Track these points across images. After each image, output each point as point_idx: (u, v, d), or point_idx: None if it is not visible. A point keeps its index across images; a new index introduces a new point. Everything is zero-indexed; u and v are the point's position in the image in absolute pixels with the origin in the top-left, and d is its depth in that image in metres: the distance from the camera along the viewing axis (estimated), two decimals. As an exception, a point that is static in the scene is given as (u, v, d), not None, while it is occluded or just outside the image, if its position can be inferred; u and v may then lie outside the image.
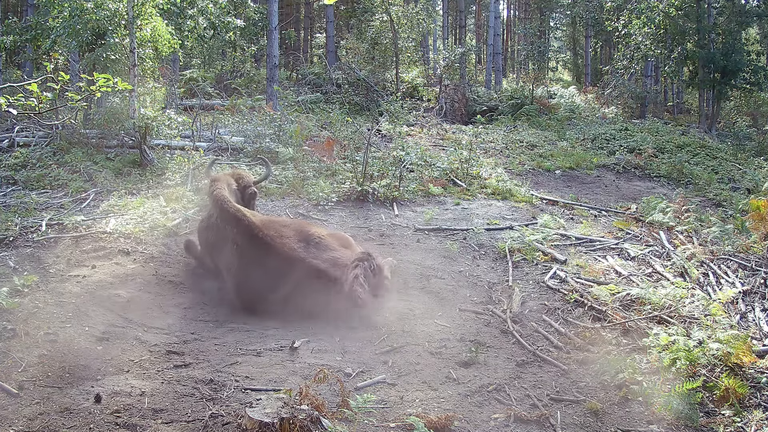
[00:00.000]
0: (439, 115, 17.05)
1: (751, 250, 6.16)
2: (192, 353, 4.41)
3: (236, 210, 5.48)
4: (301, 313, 5.03)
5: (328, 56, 21.78)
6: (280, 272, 5.09)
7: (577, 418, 3.82)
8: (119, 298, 5.13)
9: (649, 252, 6.45)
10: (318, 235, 5.43)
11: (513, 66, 35.15)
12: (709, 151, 13.09)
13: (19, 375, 3.84)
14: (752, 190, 9.96)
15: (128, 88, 4.53)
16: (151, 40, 10.39)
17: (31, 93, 3.89)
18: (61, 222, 6.63)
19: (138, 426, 3.43)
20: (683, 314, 4.80)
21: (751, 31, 23.91)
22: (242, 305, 5.26)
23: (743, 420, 3.67)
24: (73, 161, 9.04)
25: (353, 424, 3.43)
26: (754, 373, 4.03)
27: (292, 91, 17.81)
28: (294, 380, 4.00)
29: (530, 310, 5.35)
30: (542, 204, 8.82)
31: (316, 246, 5.28)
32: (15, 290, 4.91)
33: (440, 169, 10.07)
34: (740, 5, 18.99)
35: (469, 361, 4.46)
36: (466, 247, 6.86)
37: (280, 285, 5.08)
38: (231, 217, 5.43)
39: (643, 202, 8.49)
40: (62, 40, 10.33)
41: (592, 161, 11.91)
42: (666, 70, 19.32)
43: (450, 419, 3.60)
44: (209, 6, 13.23)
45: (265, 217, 5.85)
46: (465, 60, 21.48)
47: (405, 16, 19.03)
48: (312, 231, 5.49)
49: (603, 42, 28.10)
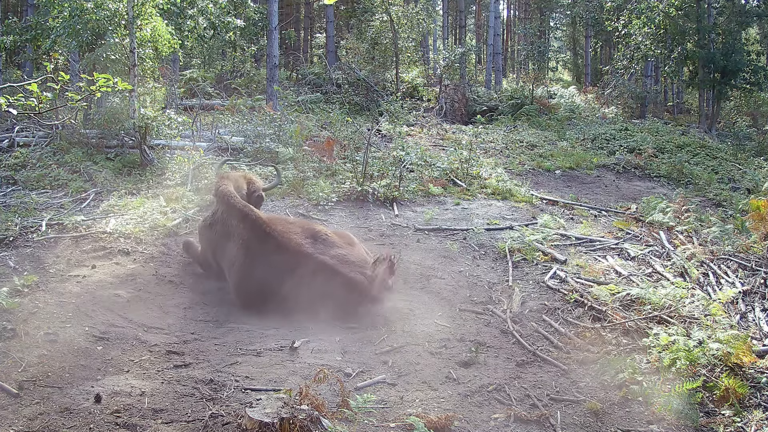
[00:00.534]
0: (439, 115, 17.04)
1: (751, 250, 6.16)
2: (192, 353, 4.41)
3: (243, 205, 5.47)
4: (308, 309, 5.02)
5: (328, 56, 21.78)
6: (288, 268, 5.07)
7: (577, 418, 3.82)
8: (119, 298, 5.13)
9: (649, 252, 6.45)
10: (324, 232, 5.44)
11: (513, 66, 35.15)
12: (709, 151, 13.09)
13: (19, 375, 3.84)
14: (752, 190, 9.96)
15: (128, 88, 4.53)
16: (151, 40, 10.39)
17: (31, 93, 3.89)
18: (61, 222, 6.63)
19: (138, 426, 3.43)
20: (683, 314, 4.80)
21: (751, 31, 23.92)
22: (244, 303, 5.24)
23: (743, 420, 3.67)
24: (73, 161, 9.04)
25: (353, 424, 3.43)
26: (754, 373, 4.03)
27: (292, 91, 17.82)
28: (294, 380, 4.00)
29: (530, 310, 5.35)
30: (542, 204, 8.82)
31: (323, 242, 5.28)
32: (15, 290, 4.91)
33: (440, 169, 10.07)
34: (740, 5, 19.00)
35: (469, 361, 4.46)
36: (466, 247, 6.86)
37: (287, 280, 5.06)
38: (238, 212, 5.41)
39: (643, 202, 8.49)
40: (62, 40, 10.33)
41: (592, 161, 11.91)
42: (666, 70, 19.32)
43: (450, 419, 3.60)
44: (209, 6, 13.23)
45: (271, 215, 5.84)
46: (465, 60, 21.49)
47: (405, 16, 19.03)
48: (318, 228, 5.50)
49: (603, 42, 28.10)
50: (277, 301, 5.08)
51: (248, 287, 5.21)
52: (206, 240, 5.81)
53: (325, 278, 5.03)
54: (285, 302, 5.06)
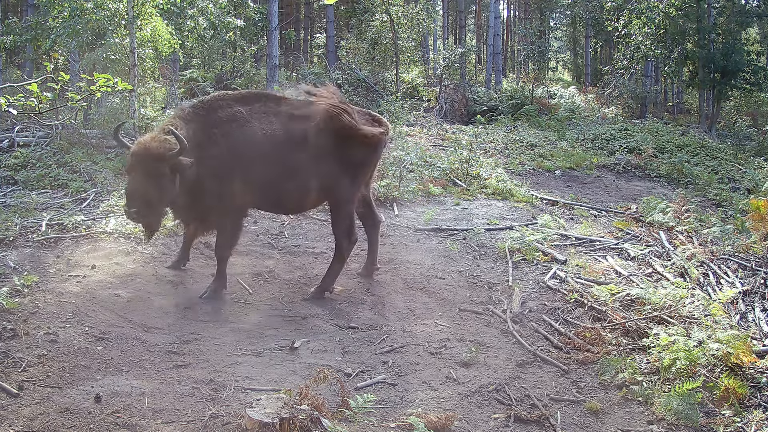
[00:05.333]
0: (439, 115, 17.04)
1: (751, 250, 6.17)
2: (192, 353, 4.41)
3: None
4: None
5: (328, 56, 21.78)
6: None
7: (577, 418, 3.82)
8: (119, 298, 5.13)
9: (649, 252, 6.44)
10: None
11: (513, 66, 35.14)
12: (709, 151, 13.09)
13: (19, 375, 3.84)
14: (752, 190, 9.96)
15: (128, 88, 4.53)
16: (151, 40, 10.38)
17: (31, 93, 3.89)
18: (61, 222, 6.63)
19: (138, 426, 3.43)
20: (683, 314, 4.79)
21: (751, 31, 23.90)
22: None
23: (743, 420, 3.67)
24: (73, 161, 9.03)
25: (353, 424, 3.43)
26: (754, 373, 4.04)
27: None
28: (294, 380, 4.00)
29: (530, 310, 5.35)
30: (542, 204, 8.82)
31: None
32: (15, 290, 4.90)
33: (440, 169, 10.06)
34: (740, 5, 18.99)
35: (469, 361, 4.46)
36: (466, 247, 6.86)
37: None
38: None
39: (643, 202, 8.49)
40: (62, 40, 10.32)
41: (592, 161, 11.91)
42: (666, 70, 19.31)
43: (450, 419, 3.60)
44: (209, 6, 13.22)
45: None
46: (465, 60, 21.49)
47: (405, 16, 19.01)
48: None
49: (603, 42, 28.08)
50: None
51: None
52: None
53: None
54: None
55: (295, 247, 6.70)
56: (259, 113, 5.34)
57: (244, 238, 6.20)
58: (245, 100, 5.42)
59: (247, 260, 6.27)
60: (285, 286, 5.77)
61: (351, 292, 5.65)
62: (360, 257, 6.38)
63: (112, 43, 9.95)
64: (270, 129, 5.27)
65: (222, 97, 5.43)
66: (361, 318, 5.15)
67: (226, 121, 5.22)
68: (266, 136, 5.24)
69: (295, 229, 7.25)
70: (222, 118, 5.21)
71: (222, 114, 5.24)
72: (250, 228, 6.96)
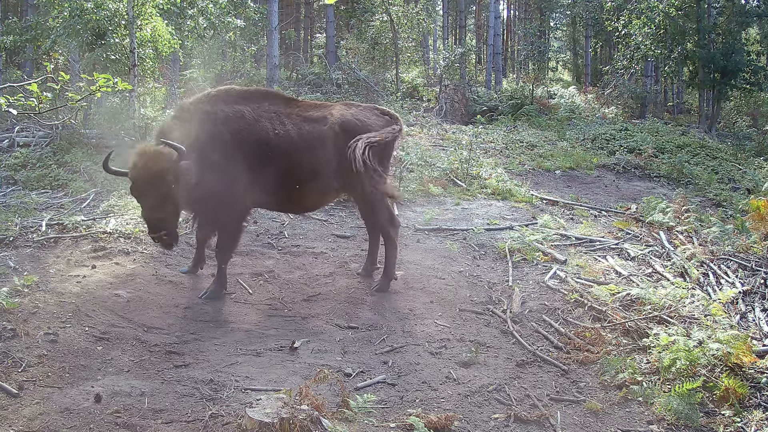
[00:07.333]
0: (439, 115, 17.03)
1: (751, 250, 6.17)
2: (192, 353, 4.41)
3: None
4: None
5: (328, 56, 21.77)
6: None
7: (577, 418, 3.82)
8: (119, 298, 5.13)
9: (649, 252, 6.45)
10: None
11: (513, 66, 35.13)
12: (709, 151, 13.08)
13: (19, 375, 3.84)
14: (752, 190, 9.96)
15: (128, 88, 4.53)
16: (151, 40, 10.38)
17: (31, 93, 3.88)
18: (61, 222, 6.63)
19: (138, 426, 3.43)
20: (683, 314, 4.80)
21: (751, 31, 23.86)
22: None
23: (743, 420, 3.68)
24: (73, 161, 9.03)
25: (353, 424, 3.44)
26: (754, 373, 4.04)
27: (292, 91, 17.80)
28: (294, 380, 4.00)
29: (530, 310, 5.35)
30: (542, 204, 8.81)
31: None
32: (15, 290, 4.90)
33: (440, 169, 10.06)
34: (740, 5, 18.97)
35: (469, 361, 4.47)
36: (466, 247, 6.86)
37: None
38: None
39: (643, 202, 8.49)
40: (62, 40, 10.32)
41: (592, 161, 11.91)
42: (666, 70, 19.31)
43: (450, 419, 3.61)
44: (209, 6, 13.21)
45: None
46: (465, 60, 21.49)
47: (405, 16, 19.02)
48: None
49: (603, 42, 28.08)
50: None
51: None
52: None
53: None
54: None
55: (295, 247, 6.70)
56: (278, 114, 5.41)
57: (244, 238, 6.20)
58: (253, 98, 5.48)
59: (247, 260, 6.27)
60: (285, 286, 5.78)
61: (351, 292, 5.65)
62: (360, 257, 6.39)
63: (112, 43, 9.94)
64: (285, 130, 5.33)
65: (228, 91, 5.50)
66: (361, 318, 5.15)
67: (234, 118, 5.23)
68: (281, 137, 5.28)
69: (295, 229, 7.25)
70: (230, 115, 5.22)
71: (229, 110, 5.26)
72: (250, 228, 6.96)
